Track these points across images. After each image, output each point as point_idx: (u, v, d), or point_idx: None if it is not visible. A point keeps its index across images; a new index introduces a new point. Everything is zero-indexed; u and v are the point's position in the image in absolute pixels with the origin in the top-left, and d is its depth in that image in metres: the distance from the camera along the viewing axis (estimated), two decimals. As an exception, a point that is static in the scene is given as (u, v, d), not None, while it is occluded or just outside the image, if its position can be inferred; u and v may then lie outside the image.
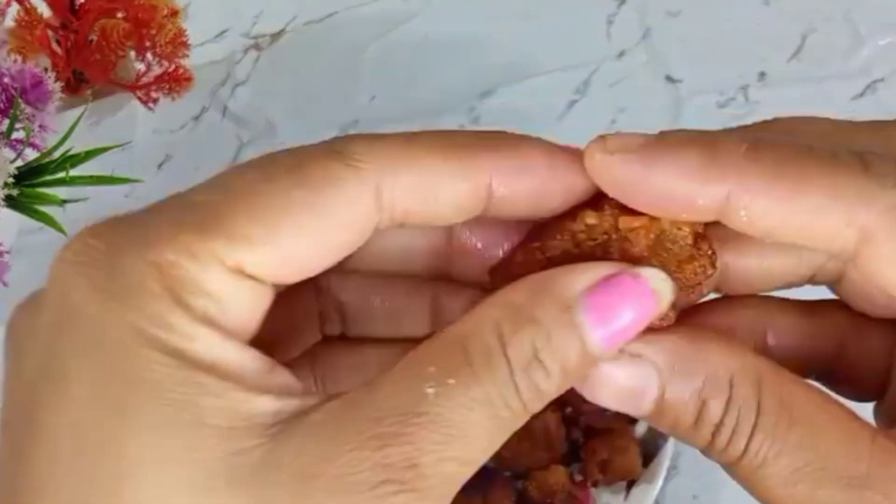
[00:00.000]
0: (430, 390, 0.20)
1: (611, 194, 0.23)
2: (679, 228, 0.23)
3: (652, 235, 0.22)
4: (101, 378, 0.19)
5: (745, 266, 0.25)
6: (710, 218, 0.22)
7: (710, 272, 0.23)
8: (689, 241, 0.23)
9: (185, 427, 0.19)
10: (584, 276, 0.22)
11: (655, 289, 0.22)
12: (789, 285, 0.26)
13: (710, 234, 0.23)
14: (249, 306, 0.21)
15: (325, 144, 0.23)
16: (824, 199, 0.21)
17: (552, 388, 0.22)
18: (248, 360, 0.20)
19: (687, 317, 0.24)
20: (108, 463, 0.19)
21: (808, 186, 0.21)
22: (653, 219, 0.22)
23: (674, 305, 0.23)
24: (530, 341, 0.21)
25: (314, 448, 0.19)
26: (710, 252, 0.23)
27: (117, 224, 0.21)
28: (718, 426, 0.23)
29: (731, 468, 0.23)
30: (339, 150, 0.22)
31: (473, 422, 0.20)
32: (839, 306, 0.26)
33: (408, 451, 0.19)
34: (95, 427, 0.19)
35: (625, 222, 0.23)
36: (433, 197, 0.22)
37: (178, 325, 0.19)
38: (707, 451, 0.23)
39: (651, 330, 0.23)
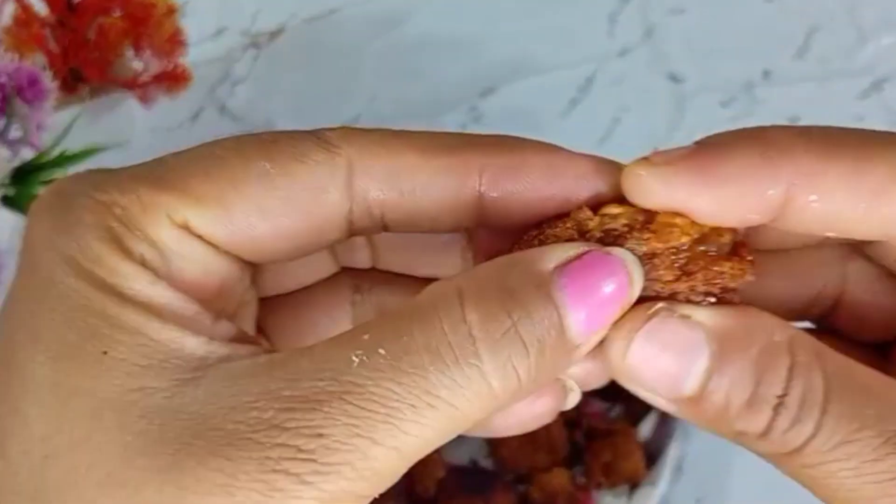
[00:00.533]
0: (356, 359, 0.18)
1: (666, 209, 0.21)
2: (720, 235, 0.22)
3: (687, 238, 0.21)
4: (26, 300, 0.19)
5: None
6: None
7: (749, 278, 0.22)
8: (729, 248, 0.22)
9: (87, 356, 0.18)
10: (556, 253, 0.20)
11: (629, 269, 0.21)
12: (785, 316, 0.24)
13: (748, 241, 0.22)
14: (199, 267, 0.21)
15: (309, 130, 0.22)
16: (889, 173, 0.20)
17: (526, 374, 0.19)
18: (182, 304, 0.20)
19: None
20: (12, 382, 0.18)
21: (870, 163, 0.20)
22: (695, 222, 0.21)
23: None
24: (505, 312, 0.19)
25: (217, 398, 0.18)
26: (749, 259, 0.22)
27: (90, 173, 0.21)
28: (779, 405, 0.20)
29: (791, 460, 0.20)
30: (318, 133, 0.22)
31: (401, 401, 0.18)
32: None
33: (314, 419, 0.18)
34: (8, 345, 0.19)
35: (665, 217, 0.21)
36: (411, 191, 0.21)
37: (109, 261, 0.19)
38: (760, 440, 0.20)
39: None
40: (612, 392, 0.64)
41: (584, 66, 0.77)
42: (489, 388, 0.19)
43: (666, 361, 0.20)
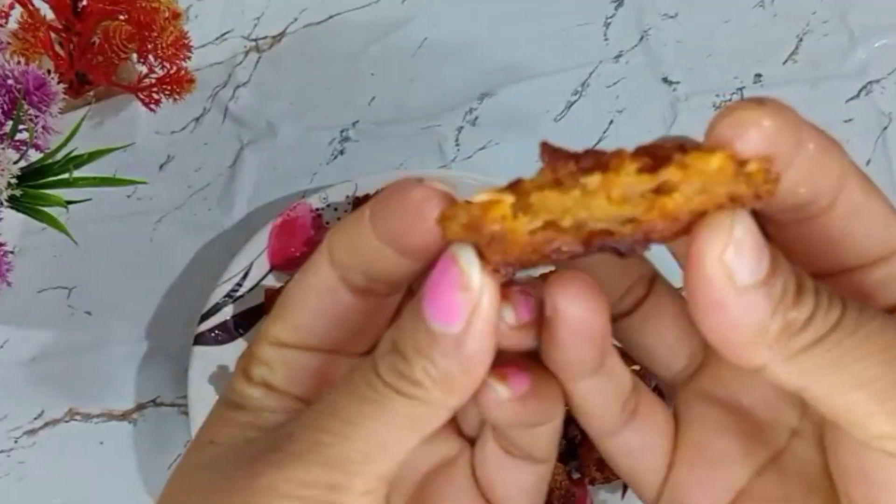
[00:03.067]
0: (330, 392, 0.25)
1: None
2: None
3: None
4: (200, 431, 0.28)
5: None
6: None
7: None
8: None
9: (206, 445, 0.26)
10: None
11: (451, 253, 0.23)
12: None
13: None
14: (294, 365, 0.27)
15: None
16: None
17: (419, 373, 0.23)
18: (271, 401, 0.27)
19: None
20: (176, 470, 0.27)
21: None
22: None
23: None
24: (388, 334, 0.25)
25: (247, 445, 0.26)
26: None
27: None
28: (818, 289, 0.23)
29: (820, 346, 0.23)
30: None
31: (340, 400, 0.24)
32: None
33: (291, 427, 0.25)
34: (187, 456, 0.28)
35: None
36: (349, 245, 0.26)
37: (239, 388, 0.27)
38: (803, 330, 0.23)
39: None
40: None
41: (580, 69, 0.78)
42: (387, 392, 0.24)
43: (751, 253, 0.22)
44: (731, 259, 0.22)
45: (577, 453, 0.64)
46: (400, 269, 0.26)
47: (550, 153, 0.24)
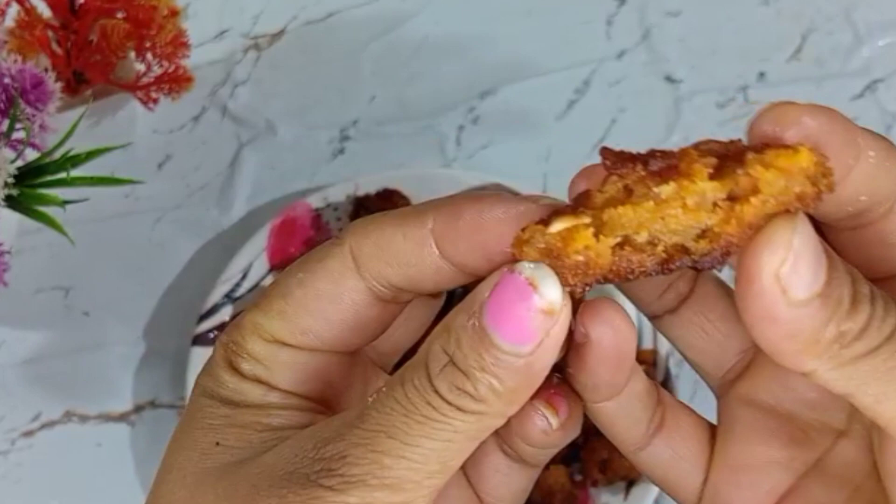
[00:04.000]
0: (371, 398, 0.24)
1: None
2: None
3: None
4: (181, 422, 0.27)
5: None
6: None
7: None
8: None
9: (205, 445, 0.26)
10: (489, 282, 0.24)
11: (527, 276, 0.23)
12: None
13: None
14: (296, 366, 0.26)
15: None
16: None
17: (483, 390, 0.23)
18: (281, 399, 0.26)
19: None
20: (160, 471, 0.27)
21: None
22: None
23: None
24: (441, 348, 0.24)
25: (273, 454, 0.25)
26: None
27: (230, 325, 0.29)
28: (873, 298, 0.22)
29: (873, 358, 0.22)
30: (338, 233, 0.27)
31: (396, 421, 0.23)
32: None
33: (341, 447, 0.24)
34: (167, 450, 0.27)
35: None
36: (391, 257, 0.25)
37: (228, 382, 0.26)
38: (856, 340, 0.22)
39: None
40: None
41: (582, 67, 0.78)
42: (449, 411, 0.23)
43: (809, 266, 0.22)
44: (788, 275, 0.22)
45: (580, 455, 0.64)
46: (449, 282, 0.26)
47: (613, 158, 0.23)
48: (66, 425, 0.66)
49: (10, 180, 0.56)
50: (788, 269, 0.22)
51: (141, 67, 0.69)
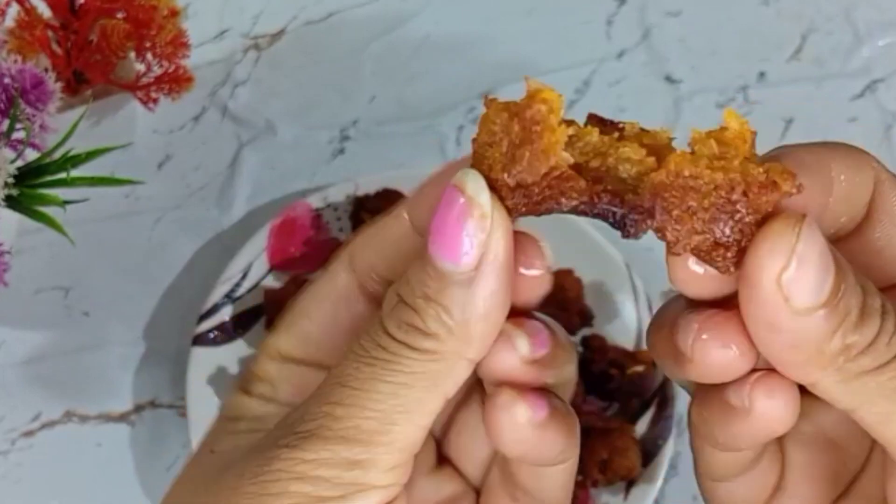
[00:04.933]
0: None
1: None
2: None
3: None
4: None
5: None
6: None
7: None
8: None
9: (207, 455, 0.26)
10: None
11: (455, 182, 0.22)
12: None
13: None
14: (298, 381, 0.26)
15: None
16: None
17: (432, 323, 0.22)
18: (271, 408, 0.26)
19: None
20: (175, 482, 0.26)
21: None
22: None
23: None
24: (394, 291, 0.23)
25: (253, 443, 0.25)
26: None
27: None
28: (884, 312, 0.21)
29: (881, 374, 0.21)
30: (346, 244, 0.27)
31: (348, 369, 0.23)
32: None
33: (301, 409, 0.23)
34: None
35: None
36: (376, 243, 0.26)
37: (237, 403, 0.26)
38: (863, 354, 0.21)
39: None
40: (609, 390, 0.65)
41: (582, 67, 0.78)
42: (399, 349, 0.22)
43: (814, 273, 0.21)
44: (791, 282, 0.20)
45: (580, 455, 0.64)
46: None
47: (595, 120, 0.24)
48: (66, 425, 0.66)
49: (11, 180, 0.56)
50: (791, 276, 0.21)
51: (141, 67, 0.69)
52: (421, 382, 0.22)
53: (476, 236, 0.21)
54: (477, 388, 0.27)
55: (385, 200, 0.68)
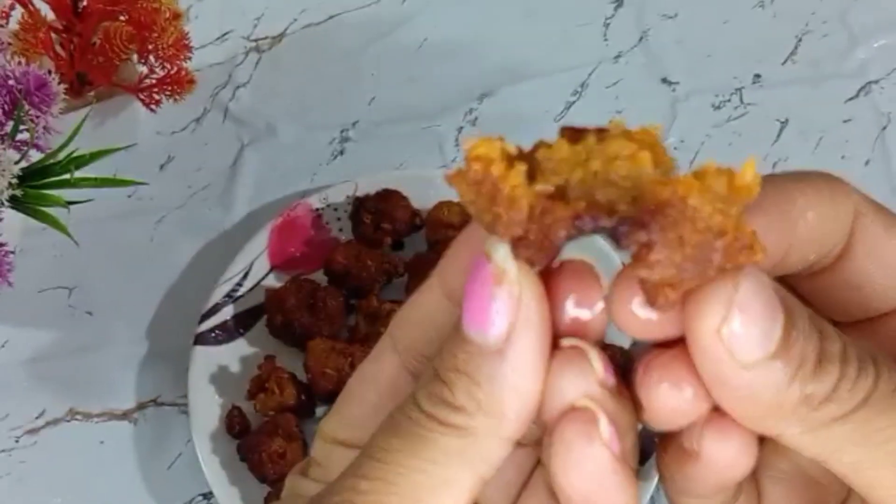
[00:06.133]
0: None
1: None
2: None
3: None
4: None
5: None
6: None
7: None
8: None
9: None
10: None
11: (486, 248, 0.20)
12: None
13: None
14: (346, 465, 0.24)
15: None
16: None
17: (461, 396, 0.20)
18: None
19: None
20: None
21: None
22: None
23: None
24: (431, 364, 0.22)
25: None
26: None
27: None
28: (843, 360, 0.20)
29: (843, 424, 0.20)
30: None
31: (379, 441, 0.22)
32: None
33: (334, 482, 0.22)
34: None
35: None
36: (414, 318, 0.24)
37: (295, 485, 0.25)
38: (824, 404, 0.19)
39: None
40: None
41: (579, 70, 0.78)
42: (428, 423, 0.21)
43: (758, 323, 0.19)
44: (733, 335, 0.19)
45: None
46: None
47: (570, 132, 0.21)
48: (69, 423, 0.66)
49: (15, 181, 0.56)
50: (732, 329, 0.19)
51: (143, 69, 0.70)
52: (450, 460, 0.21)
53: (504, 303, 0.20)
54: (542, 471, 0.25)
55: (385, 201, 0.68)
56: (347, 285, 0.66)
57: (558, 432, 0.21)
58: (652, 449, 0.65)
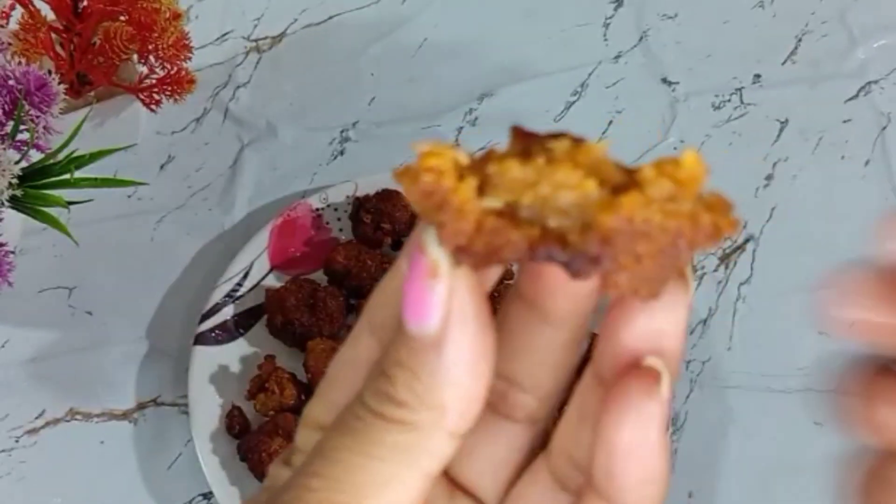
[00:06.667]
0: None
1: None
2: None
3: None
4: None
5: None
6: None
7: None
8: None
9: None
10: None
11: (421, 239, 0.20)
12: None
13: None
14: None
15: None
16: None
17: (402, 391, 0.21)
18: None
19: None
20: None
21: None
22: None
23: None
24: (379, 366, 0.22)
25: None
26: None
27: None
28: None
29: None
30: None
31: (327, 440, 0.22)
32: None
33: (289, 481, 0.22)
34: None
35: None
36: (386, 299, 0.24)
37: (277, 474, 0.24)
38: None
39: None
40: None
41: (579, 70, 0.78)
42: (372, 419, 0.21)
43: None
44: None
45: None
46: None
47: (521, 134, 0.21)
48: (69, 423, 0.66)
49: (15, 181, 0.56)
50: None
51: (144, 70, 0.70)
52: (395, 456, 0.21)
53: (437, 295, 0.20)
54: (542, 457, 0.25)
55: (385, 201, 0.68)
56: (347, 285, 0.66)
57: (623, 384, 0.21)
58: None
